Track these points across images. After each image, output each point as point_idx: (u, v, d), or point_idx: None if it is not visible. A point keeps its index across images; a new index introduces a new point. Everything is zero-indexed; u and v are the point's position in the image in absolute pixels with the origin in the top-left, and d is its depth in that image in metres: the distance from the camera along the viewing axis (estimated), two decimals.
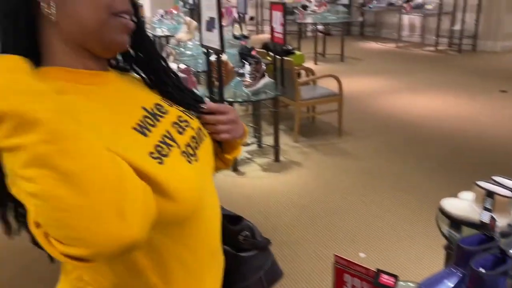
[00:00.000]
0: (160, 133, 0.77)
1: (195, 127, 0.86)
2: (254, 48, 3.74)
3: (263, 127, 4.39)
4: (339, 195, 3.22)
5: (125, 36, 0.77)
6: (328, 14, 8.56)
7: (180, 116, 0.85)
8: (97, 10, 0.71)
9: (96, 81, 0.76)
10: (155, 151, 0.72)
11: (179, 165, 0.75)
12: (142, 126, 0.75)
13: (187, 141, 0.81)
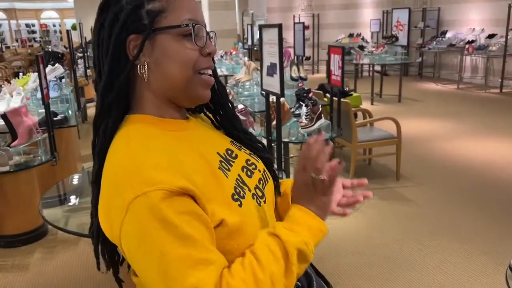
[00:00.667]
0: (234, 177, 0.85)
1: (261, 169, 0.94)
2: (311, 90, 3.78)
3: None
4: (395, 242, 3.10)
5: (207, 91, 0.88)
6: (386, 55, 8.52)
7: (248, 160, 0.93)
8: (185, 69, 0.83)
9: (179, 127, 0.87)
10: (235, 192, 0.81)
11: (252, 207, 0.83)
12: (222, 168, 0.84)
13: (255, 184, 0.89)
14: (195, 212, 0.73)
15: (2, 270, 2.90)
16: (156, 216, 0.69)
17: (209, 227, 0.75)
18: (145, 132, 0.82)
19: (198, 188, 0.75)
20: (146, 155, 0.76)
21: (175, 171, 0.74)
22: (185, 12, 0.83)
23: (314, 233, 0.82)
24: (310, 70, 12.17)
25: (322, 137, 0.85)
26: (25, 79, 4.35)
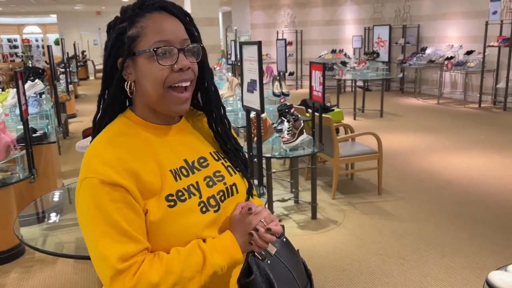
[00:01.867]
0: (189, 183, 0.98)
1: (229, 183, 1.05)
2: (293, 106, 3.81)
3: (300, 183, 4.38)
4: (378, 257, 3.10)
5: (181, 106, 0.99)
6: (368, 71, 8.66)
7: (218, 171, 1.05)
8: (156, 87, 0.96)
9: (156, 132, 1.02)
10: (175, 194, 0.95)
11: (189, 212, 0.95)
12: (176, 173, 0.98)
13: (212, 194, 1.01)
14: (126, 201, 0.90)
15: None
16: (94, 198, 0.89)
17: (141, 216, 0.92)
18: (123, 128, 1.00)
19: (138, 184, 0.92)
20: (103, 149, 0.94)
21: (119, 167, 0.91)
22: (155, 35, 0.95)
23: (231, 263, 0.96)
24: (293, 86, 12.28)
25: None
26: (4, 95, 4.28)
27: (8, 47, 19.81)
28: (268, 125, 3.60)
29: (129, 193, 0.90)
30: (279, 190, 4.34)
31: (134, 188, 0.91)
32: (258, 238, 0.95)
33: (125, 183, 0.90)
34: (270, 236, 0.96)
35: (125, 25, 0.97)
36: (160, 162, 0.97)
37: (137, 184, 0.91)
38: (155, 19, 0.97)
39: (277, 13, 13.23)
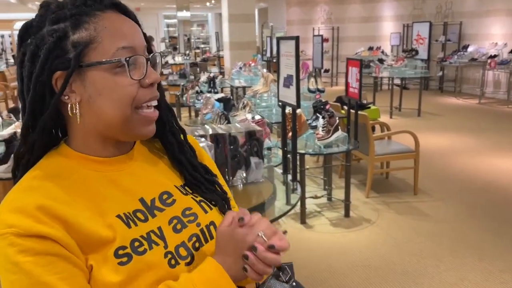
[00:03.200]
0: (148, 229, 0.74)
1: (203, 223, 0.80)
2: (328, 102, 3.78)
3: (334, 181, 4.34)
4: (412, 257, 3.04)
5: (150, 127, 0.78)
6: (406, 69, 8.46)
7: (188, 209, 0.81)
8: (121, 108, 0.73)
9: (102, 168, 0.77)
10: (129, 246, 0.71)
11: (153, 266, 0.71)
12: (128, 218, 0.74)
13: (182, 240, 0.76)
14: (57, 254, 0.66)
15: None
16: (10, 260, 0.65)
17: (81, 269, 0.68)
18: (54, 169, 0.75)
19: (73, 234, 0.68)
20: (18, 197, 0.70)
21: (41, 215, 0.67)
22: (118, 40, 0.72)
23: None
24: (329, 83, 12.16)
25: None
26: None
27: None
28: (303, 121, 3.59)
29: (59, 243, 0.66)
30: (312, 187, 4.33)
31: (66, 238, 0.67)
32: (256, 261, 0.70)
33: (52, 231, 0.66)
34: (273, 256, 0.70)
35: (65, 27, 0.71)
36: (104, 206, 0.73)
37: (71, 234, 0.68)
38: (112, 19, 0.73)
39: (313, 10, 13.12)
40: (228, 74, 7.61)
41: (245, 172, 2.06)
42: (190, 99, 5.44)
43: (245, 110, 3.85)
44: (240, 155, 2.03)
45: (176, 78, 7.83)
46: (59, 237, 0.67)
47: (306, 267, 2.96)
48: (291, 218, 3.69)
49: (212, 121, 3.32)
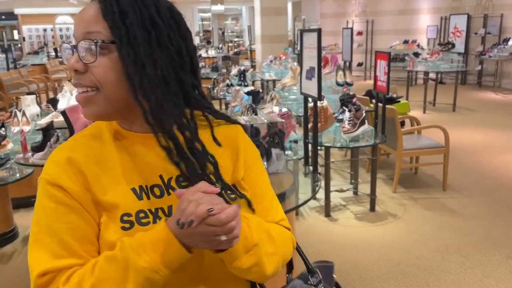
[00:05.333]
0: (158, 205, 0.80)
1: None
2: (355, 95, 3.76)
3: (361, 175, 4.32)
4: (437, 254, 3.01)
5: (84, 109, 0.80)
6: (441, 63, 8.24)
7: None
8: None
9: (131, 141, 0.84)
10: (134, 215, 0.78)
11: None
12: (143, 190, 0.80)
13: None
14: (71, 206, 0.77)
15: None
16: (38, 199, 0.79)
17: (89, 224, 0.78)
18: (99, 132, 0.85)
19: (91, 192, 0.78)
20: (61, 150, 0.82)
21: (69, 169, 0.79)
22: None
23: (168, 262, 0.73)
24: (361, 77, 11.99)
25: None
26: None
27: None
28: (329, 114, 3.59)
29: (75, 198, 0.77)
30: (338, 181, 4.32)
31: (83, 194, 0.78)
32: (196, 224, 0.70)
33: (72, 186, 0.77)
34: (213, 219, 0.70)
35: None
36: (126, 175, 0.80)
37: (89, 190, 0.78)
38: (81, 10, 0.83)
39: (348, 3, 12.94)
40: (259, 67, 7.65)
41: (267, 163, 2.10)
42: (220, 92, 5.52)
43: (273, 103, 3.89)
44: (261, 146, 2.08)
45: (208, 71, 7.94)
46: (76, 191, 0.78)
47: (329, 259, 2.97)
48: (315, 210, 3.71)
49: (240, 113, 3.38)
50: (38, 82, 8.88)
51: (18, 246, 3.24)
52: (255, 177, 0.94)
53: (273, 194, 0.97)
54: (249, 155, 0.94)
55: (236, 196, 0.86)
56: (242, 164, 0.91)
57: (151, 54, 0.78)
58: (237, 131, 0.94)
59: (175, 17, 0.83)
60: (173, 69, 0.81)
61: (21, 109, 3.78)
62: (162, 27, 0.79)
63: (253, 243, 0.80)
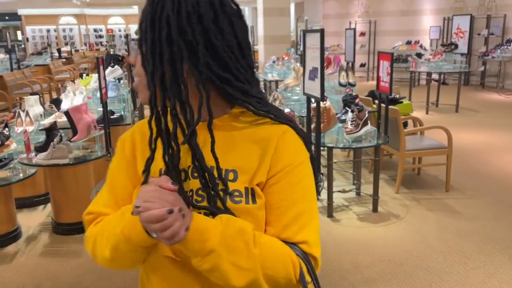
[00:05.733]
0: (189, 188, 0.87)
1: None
2: (358, 96, 3.76)
3: (364, 175, 4.32)
4: (440, 254, 3.00)
5: (139, 94, 0.93)
6: (444, 63, 8.23)
7: (199, 189, 0.87)
8: None
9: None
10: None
11: None
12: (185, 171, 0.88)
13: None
14: (124, 159, 0.96)
15: (59, 255, 3.13)
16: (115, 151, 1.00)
17: (130, 178, 0.95)
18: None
19: (135, 161, 0.95)
20: (134, 126, 1.01)
21: (130, 139, 0.97)
22: None
23: (125, 234, 0.85)
24: (364, 77, 11.98)
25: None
26: (88, 80, 4.66)
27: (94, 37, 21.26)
28: (332, 114, 3.59)
29: (126, 159, 0.96)
30: (341, 181, 4.32)
31: (132, 158, 0.95)
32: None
33: (127, 150, 0.96)
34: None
35: None
36: (160, 157, 0.87)
37: (135, 163, 0.95)
38: None
39: (350, 3, 12.93)
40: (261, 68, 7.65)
41: None
42: None
43: (275, 104, 3.89)
44: None
45: None
46: (128, 155, 0.96)
47: (331, 260, 2.98)
48: (318, 211, 3.71)
49: None
50: (42, 82, 8.91)
51: (21, 246, 3.26)
52: (282, 187, 0.87)
53: (301, 212, 0.87)
54: (281, 162, 0.87)
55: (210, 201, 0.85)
56: (265, 169, 0.86)
57: (158, 51, 0.83)
58: (278, 132, 0.88)
59: (200, 12, 0.83)
60: (193, 64, 0.83)
61: (25, 109, 3.80)
62: (174, 24, 0.82)
63: (209, 249, 0.77)
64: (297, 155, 0.89)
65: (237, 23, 0.87)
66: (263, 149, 0.87)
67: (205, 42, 0.83)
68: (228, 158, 0.87)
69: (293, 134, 0.91)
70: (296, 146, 0.90)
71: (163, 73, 0.83)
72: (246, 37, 0.90)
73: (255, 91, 0.91)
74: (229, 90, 0.86)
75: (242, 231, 0.79)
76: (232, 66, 0.86)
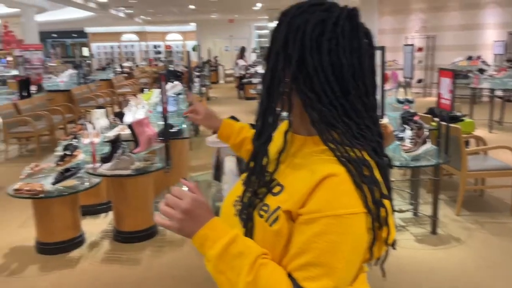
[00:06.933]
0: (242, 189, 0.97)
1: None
2: (417, 113, 3.67)
3: (422, 195, 4.17)
4: (503, 282, 2.83)
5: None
6: (509, 80, 7.82)
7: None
8: None
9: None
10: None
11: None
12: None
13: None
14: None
15: (118, 262, 3.27)
16: None
17: None
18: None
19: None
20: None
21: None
22: None
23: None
24: (421, 93, 11.63)
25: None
26: (149, 94, 4.88)
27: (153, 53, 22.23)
28: (390, 132, 3.51)
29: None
30: (397, 201, 4.20)
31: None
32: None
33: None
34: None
35: None
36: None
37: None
38: None
39: (407, 18, 12.66)
40: None
41: None
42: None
43: None
44: None
45: None
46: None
47: (387, 281, 2.89)
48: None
49: None
50: (105, 96, 9.41)
51: (84, 251, 3.43)
52: (304, 231, 0.81)
53: (315, 263, 0.79)
54: (312, 205, 0.81)
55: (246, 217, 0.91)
56: (299, 202, 0.82)
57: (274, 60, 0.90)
58: (327, 172, 0.81)
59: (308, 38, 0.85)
60: (291, 76, 0.88)
61: (92, 121, 4.03)
62: (280, 38, 0.88)
63: (207, 257, 0.84)
64: (333, 205, 0.79)
65: (343, 44, 0.84)
66: (308, 182, 0.81)
67: (298, 57, 0.85)
68: (285, 172, 0.90)
69: (344, 181, 0.80)
70: (338, 195, 0.80)
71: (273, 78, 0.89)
72: (352, 60, 0.85)
73: (345, 119, 0.85)
74: (308, 109, 0.86)
75: (242, 255, 0.81)
76: (318, 86, 0.84)
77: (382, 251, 0.89)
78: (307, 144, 0.90)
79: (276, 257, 0.85)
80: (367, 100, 0.88)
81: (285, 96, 0.88)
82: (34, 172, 3.36)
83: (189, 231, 0.85)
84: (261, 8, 16.03)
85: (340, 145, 0.83)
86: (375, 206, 0.82)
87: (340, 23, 0.85)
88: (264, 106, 0.91)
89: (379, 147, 0.89)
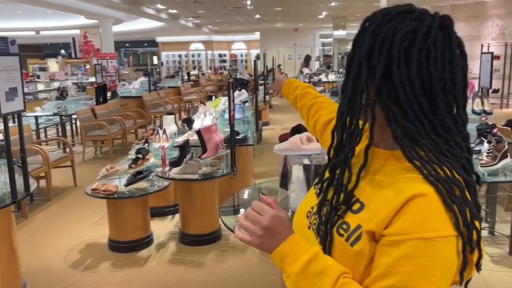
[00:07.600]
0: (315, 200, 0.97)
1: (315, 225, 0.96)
2: (495, 125, 3.44)
3: (499, 213, 3.90)
4: None
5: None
6: None
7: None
8: None
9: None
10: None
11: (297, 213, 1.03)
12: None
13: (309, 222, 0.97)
14: None
15: (183, 264, 3.36)
16: None
17: None
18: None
19: None
20: None
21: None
22: None
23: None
24: (497, 104, 10.93)
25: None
26: (216, 102, 5.00)
27: (218, 61, 22.83)
28: None
29: None
30: None
31: None
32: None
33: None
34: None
35: None
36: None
37: None
38: None
39: (483, 25, 11.98)
40: None
41: None
42: None
43: None
44: None
45: (328, 95, 7.97)
46: None
47: None
48: None
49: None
50: (173, 103, 9.78)
51: (152, 251, 3.56)
52: (388, 252, 0.77)
53: (398, 286, 0.75)
54: (398, 226, 0.76)
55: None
56: (384, 223, 0.78)
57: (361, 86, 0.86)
58: (414, 192, 0.76)
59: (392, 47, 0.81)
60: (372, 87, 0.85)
61: (162, 127, 4.20)
62: (364, 46, 0.84)
63: (287, 273, 0.84)
64: (421, 228, 0.74)
65: (435, 56, 0.79)
66: (393, 201, 0.77)
67: (384, 68, 0.81)
68: (365, 189, 0.86)
69: (434, 202, 0.75)
70: (427, 217, 0.75)
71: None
72: (444, 73, 0.80)
73: (433, 136, 0.80)
74: (391, 124, 0.82)
75: (323, 273, 0.80)
76: (404, 100, 0.80)
77: (472, 273, 0.83)
78: (389, 161, 0.86)
79: (356, 277, 0.82)
80: (457, 115, 0.83)
81: (368, 108, 0.84)
82: (109, 174, 3.55)
83: (268, 246, 0.85)
84: (325, 16, 15.93)
85: (427, 163, 0.79)
86: (467, 229, 0.76)
87: (432, 34, 0.80)
88: (344, 118, 0.88)
89: (469, 164, 0.83)
